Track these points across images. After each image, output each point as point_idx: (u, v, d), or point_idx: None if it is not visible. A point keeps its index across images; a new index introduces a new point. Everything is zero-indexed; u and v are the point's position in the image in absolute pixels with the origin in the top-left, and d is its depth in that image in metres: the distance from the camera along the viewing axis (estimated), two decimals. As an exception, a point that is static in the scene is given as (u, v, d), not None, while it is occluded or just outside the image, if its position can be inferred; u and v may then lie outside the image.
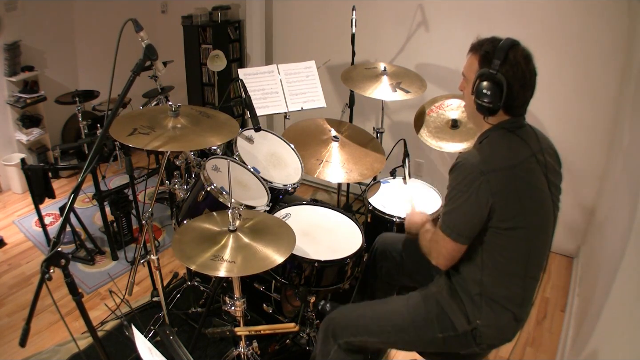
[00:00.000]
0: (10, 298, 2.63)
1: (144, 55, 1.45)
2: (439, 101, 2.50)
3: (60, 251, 1.21)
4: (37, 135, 3.74)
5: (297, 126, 2.63)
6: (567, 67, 2.73)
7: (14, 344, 2.29)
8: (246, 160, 2.14)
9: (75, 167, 3.78)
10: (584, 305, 2.25)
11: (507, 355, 2.28)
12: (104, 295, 2.64)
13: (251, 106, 2.03)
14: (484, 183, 1.32)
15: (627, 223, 1.75)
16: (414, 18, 3.16)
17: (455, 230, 1.39)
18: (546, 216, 1.44)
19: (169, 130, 1.68)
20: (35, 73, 3.72)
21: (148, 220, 1.95)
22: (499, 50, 1.33)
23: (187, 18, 4.10)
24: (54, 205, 3.41)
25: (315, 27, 3.61)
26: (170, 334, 1.52)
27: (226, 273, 1.43)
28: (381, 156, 2.50)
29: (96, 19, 4.18)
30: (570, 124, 2.83)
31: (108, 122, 1.40)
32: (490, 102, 1.35)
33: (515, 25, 2.77)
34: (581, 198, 2.90)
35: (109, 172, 3.99)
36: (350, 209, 3.30)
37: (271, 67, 2.82)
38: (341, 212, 2.21)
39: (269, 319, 2.24)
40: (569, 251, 3.08)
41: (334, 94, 3.62)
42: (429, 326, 1.52)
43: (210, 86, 4.26)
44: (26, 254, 3.03)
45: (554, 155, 1.50)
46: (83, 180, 1.30)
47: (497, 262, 1.41)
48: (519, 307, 1.46)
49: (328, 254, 1.89)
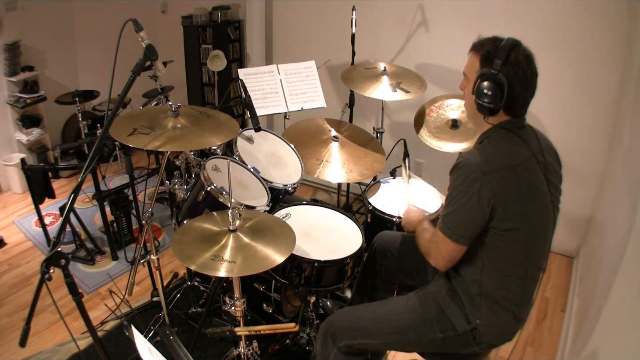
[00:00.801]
0: (10, 298, 2.63)
1: (144, 55, 1.45)
2: (439, 101, 2.50)
3: (60, 251, 1.21)
4: (37, 135, 3.74)
5: (297, 126, 2.63)
6: (567, 68, 2.73)
7: (14, 344, 2.29)
8: (246, 160, 2.14)
9: (75, 167, 3.77)
10: (584, 305, 2.25)
11: (507, 355, 2.28)
12: (104, 295, 2.64)
13: (251, 106, 2.03)
14: (486, 183, 1.31)
15: (627, 223, 1.75)
16: (414, 18, 3.16)
17: (456, 231, 1.38)
18: (546, 217, 1.44)
19: (169, 130, 1.69)
20: (35, 73, 3.72)
21: (148, 220, 1.95)
22: (501, 50, 1.33)
23: (187, 18, 4.10)
24: (54, 205, 3.41)
25: (315, 27, 3.61)
26: (170, 334, 1.52)
27: (226, 273, 1.43)
28: (381, 156, 2.50)
29: (96, 19, 4.18)
30: (570, 125, 2.83)
31: (108, 122, 1.40)
32: (490, 102, 1.35)
33: (515, 26, 2.76)
34: (581, 198, 2.90)
35: (109, 172, 3.99)
36: (350, 209, 3.30)
37: (271, 67, 2.82)
38: (341, 212, 2.21)
39: (269, 319, 2.25)
40: (569, 251, 3.08)
41: (334, 94, 3.62)
42: (429, 327, 1.52)
43: (210, 86, 4.26)
44: (26, 254, 3.03)
45: (554, 155, 1.50)
46: (83, 180, 1.30)
47: (497, 263, 1.41)
48: (519, 307, 1.46)
49: (328, 254, 1.89)
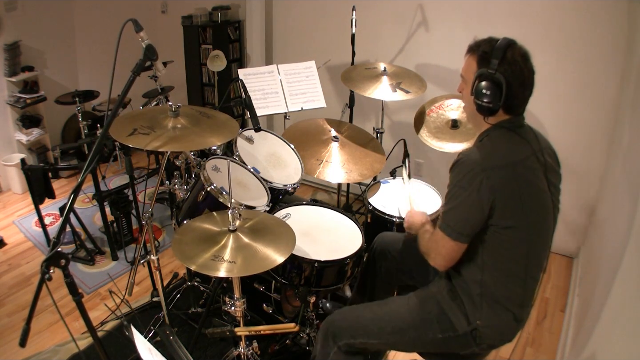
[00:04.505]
0: (10, 298, 2.63)
1: (144, 55, 1.45)
2: (439, 101, 2.50)
3: (60, 251, 1.21)
4: (37, 136, 3.74)
5: (297, 126, 2.63)
6: (567, 67, 2.73)
7: (14, 344, 2.29)
8: (246, 161, 2.14)
9: (75, 167, 3.77)
10: (584, 305, 2.25)
11: (507, 355, 2.28)
12: (104, 296, 2.64)
13: (251, 106, 2.03)
14: (485, 180, 1.32)
15: (627, 223, 1.75)
16: (414, 18, 3.16)
17: (455, 229, 1.38)
18: (546, 216, 1.44)
19: (169, 130, 1.69)
20: (35, 73, 3.72)
21: (148, 221, 1.96)
22: (497, 49, 1.33)
23: (187, 18, 4.10)
24: (54, 205, 3.41)
25: (315, 27, 3.61)
26: (170, 334, 1.52)
27: (226, 273, 1.43)
28: (381, 156, 2.50)
29: (96, 19, 4.18)
30: (570, 124, 2.83)
31: (108, 122, 1.40)
32: (490, 102, 1.35)
33: (515, 26, 2.77)
34: (581, 198, 2.90)
35: (109, 172, 3.99)
36: (350, 209, 3.30)
37: (271, 67, 2.81)
38: (341, 212, 2.21)
39: (269, 319, 2.25)
40: (569, 251, 3.08)
41: (334, 94, 3.62)
42: (429, 327, 1.52)
43: (210, 86, 4.26)
44: (26, 254, 3.03)
45: (553, 155, 1.50)
46: (83, 181, 1.30)
47: (497, 262, 1.41)
48: (520, 308, 1.46)
49: (328, 254, 1.89)
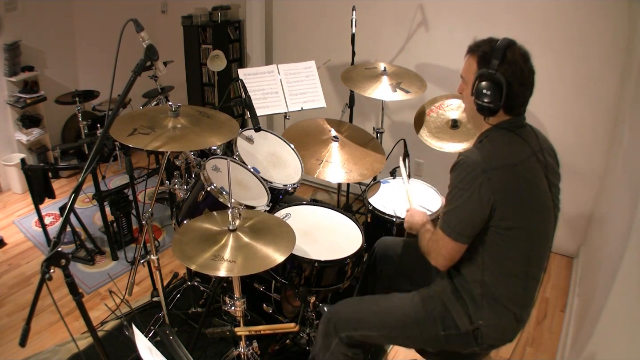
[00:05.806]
0: (10, 298, 2.63)
1: (145, 55, 1.45)
2: (439, 101, 2.50)
3: (61, 251, 1.21)
4: (37, 135, 3.74)
5: (297, 126, 2.63)
6: (567, 67, 2.73)
7: (14, 344, 2.29)
8: (246, 160, 2.14)
9: (75, 167, 3.77)
10: (584, 305, 2.25)
11: (507, 355, 2.28)
12: (104, 295, 2.64)
13: (251, 106, 2.03)
14: (486, 181, 1.32)
15: (627, 223, 1.75)
16: (414, 18, 3.16)
17: (456, 229, 1.38)
18: (547, 216, 1.44)
19: (169, 130, 1.68)
20: (35, 73, 3.72)
21: (148, 220, 1.95)
22: (497, 50, 1.33)
23: (187, 18, 4.10)
24: (54, 205, 3.41)
25: (315, 27, 3.61)
26: (170, 334, 1.52)
27: (226, 273, 1.43)
28: (381, 156, 2.50)
29: (96, 19, 4.18)
30: (570, 124, 2.83)
31: (108, 122, 1.40)
32: (490, 102, 1.35)
33: (515, 26, 2.77)
34: (581, 198, 2.90)
35: (109, 172, 3.99)
36: (350, 209, 3.30)
37: (271, 67, 2.81)
38: (341, 212, 2.21)
39: (269, 319, 2.25)
40: (569, 251, 3.08)
41: (334, 94, 3.62)
42: (432, 323, 1.52)
43: (210, 86, 4.26)
44: (26, 254, 3.03)
45: (553, 155, 1.50)
46: (83, 181, 1.30)
47: (498, 262, 1.41)
48: (521, 308, 1.46)
49: (328, 254, 1.89)
